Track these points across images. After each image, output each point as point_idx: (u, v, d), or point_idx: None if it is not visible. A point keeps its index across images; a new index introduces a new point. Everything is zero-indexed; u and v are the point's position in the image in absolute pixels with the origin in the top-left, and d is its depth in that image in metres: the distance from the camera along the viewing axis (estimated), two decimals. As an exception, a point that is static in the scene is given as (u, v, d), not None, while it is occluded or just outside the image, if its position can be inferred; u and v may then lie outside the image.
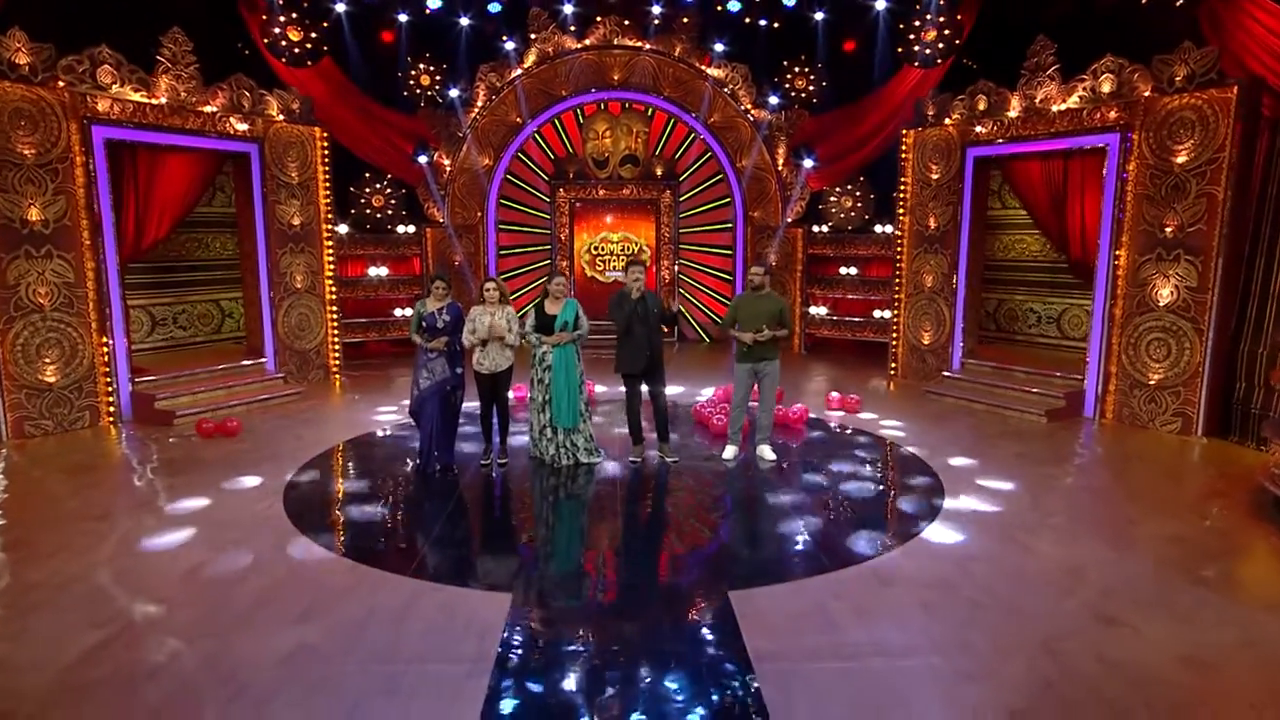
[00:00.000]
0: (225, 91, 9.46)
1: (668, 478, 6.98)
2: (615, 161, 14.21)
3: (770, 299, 7.28)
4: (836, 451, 7.77)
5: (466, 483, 6.83)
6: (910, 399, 10.14)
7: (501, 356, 7.10)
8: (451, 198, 13.45)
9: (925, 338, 10.99)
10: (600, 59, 13.21)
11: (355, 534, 5.71)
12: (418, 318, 7.13)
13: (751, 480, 6.93)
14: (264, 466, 7.15)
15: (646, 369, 7.13)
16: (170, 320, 10.66)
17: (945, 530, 5.67)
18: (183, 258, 10.73)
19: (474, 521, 6.10)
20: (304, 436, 8.19)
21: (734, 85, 13.23)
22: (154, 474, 7.01)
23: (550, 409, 7.12)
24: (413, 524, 5.92)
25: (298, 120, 10.38)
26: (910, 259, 11.09)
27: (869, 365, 12.35)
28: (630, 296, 7.03)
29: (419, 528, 5.83)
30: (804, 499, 6.42)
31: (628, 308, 7.05)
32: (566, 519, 6.19)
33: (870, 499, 6.49)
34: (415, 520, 6.01)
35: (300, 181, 10.51)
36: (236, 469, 7.06)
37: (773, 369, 7.29)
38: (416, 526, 5.87)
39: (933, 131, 10.57)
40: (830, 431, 8.51)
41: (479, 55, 13.17)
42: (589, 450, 7.33)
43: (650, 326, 7.05)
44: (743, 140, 13.50)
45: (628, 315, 7.07)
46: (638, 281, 7.05)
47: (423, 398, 7.08)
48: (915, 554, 5.29)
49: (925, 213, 10.80)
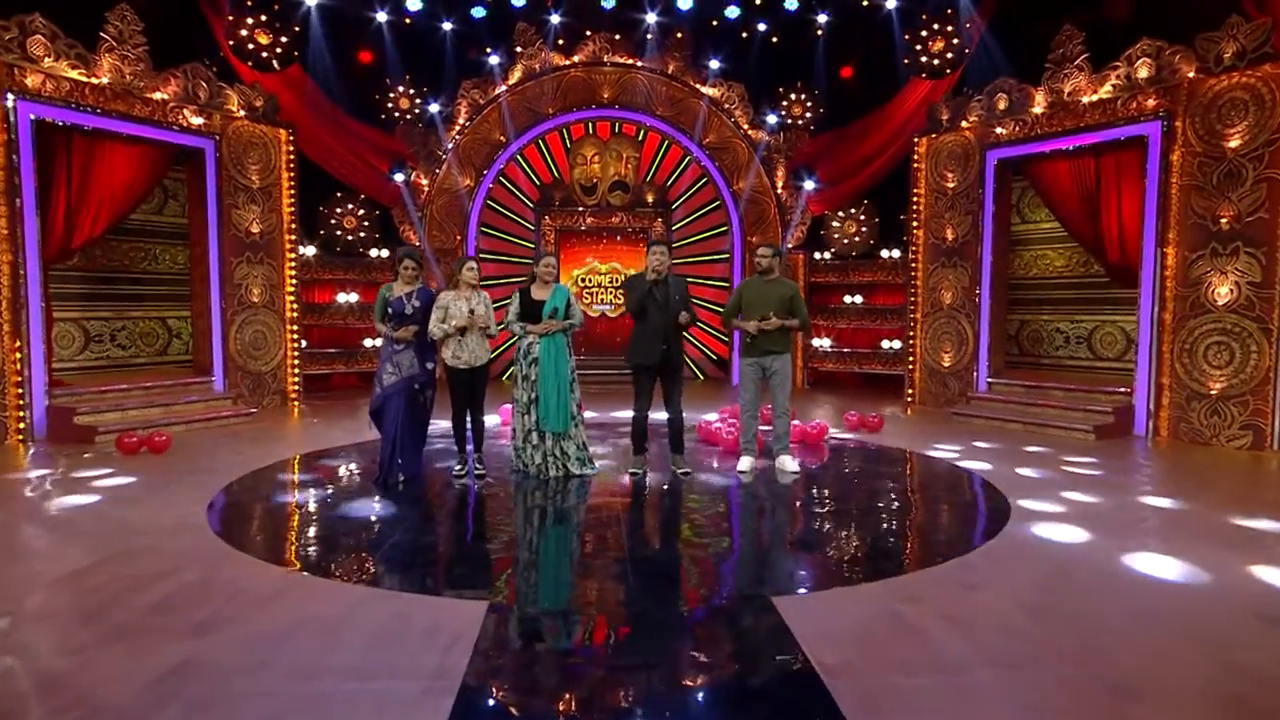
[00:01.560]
0: (179, 79, 8.58)
1: (680, 489, 5.87)
2: (604, 188, 13.47)
3: (780, 284, 6.33)
4: (870, 465, 6.71)
5: (434, 496, 5.67)
6: (935, 422, 9.14)
7: (481, 349, 6.05)
8: (429, 220, 12.56)
9: (945, 359, 10.07)
10: (589, 76, 12.58)
11: (292, 543, 4.53)
12: (382, 303, 6.10)
13: (777, 491, 5.83)
14: (194, 479, 5.96)
15: (661, 363, 6.09)
16: (107, 337, 9.50)
17: (1026, 534, 4.60)
18: (125, 268, 9.64)
19: (442, 533, 4.93)
20: (247, 453, 7.01)
21: (730, 104, 12.63)
22: (53, 485, 5.79)
23: (537, 410, 6.03)
24: (365, 535, 4.75)
25: (261, 119, 9.51)
26: (926, 275, 10.26)
27: (879, 398, 11.38)
28: (646, 278, 6.08)
29: (373, 538, 4.66)
30: (844, 507, 5.34)
31: (641, 289, 6.09)
32: (558, 533, 5.03)
33: (923, 506, 5.42)
34: (369, 531, 4.83)
35: (262, 186, 9.57)
36: (159, 480, 5.87)
37: (783, 366, 6.28)
38: (369, 537, 4.70)
39: (947, 137, 9.89)
40: (855, 449, 7.46)
41: (461, 70, 12.51)
42: (581, 460, 6.21)
43: (668, 314, 6.05)
44: (739, 162, 12.82)
45: (641, 298, 6.09)
46: (658, 263, 6.09)
47: (386, 395, 5.98)
48: (1000, 558, 4.20)
49: (941, 224, 10.02)
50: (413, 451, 6.05)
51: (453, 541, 4.73)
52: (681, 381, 6.30)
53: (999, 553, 4.29)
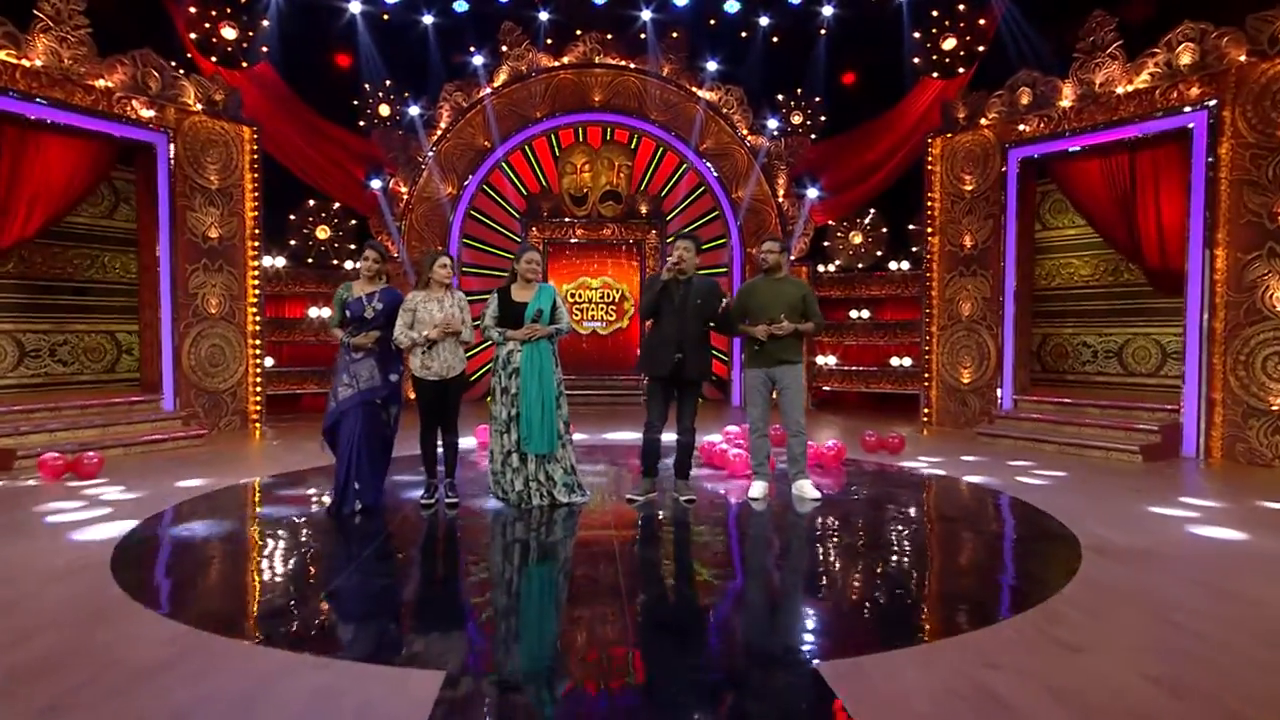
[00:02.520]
0: (126, 67, 7.79)
1: (685, 520, 5.02)
2: (595, 198, 12.72)
3: (790, 283, 5.55)
4: (899, 491, 5.88)
5: (394, 531, 4.80)
6: (958, 442, 8.33)
7: (455, 358, 5.23)
8: (409, 230, 11.76)
9: (965, 375, 9.29)
10: (580, 78, 11.89)
11: (207, 594, 3.65)
12: (340, 305, 5.28)
13: (798, 522, 4.99)
14: (116, 509, 5.08)
15: (675, 374, 5.28)
16: (46, 352, 8.60)
17: (1112, 574, 3.77)
18: (69, 276, 8.77)
19: (400, 578, 4.06)
20: (186, 479, 6.12)
21: (729, 109, 11.94)
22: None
23: (518, 429, 5.19)
24: (300, 581, 3.88)
25: (222, 115, 8.72)
26: (942, 285, 9.52)
27: (889, 418, 10.57)
28: (662, 278, 5.30)
29: (309, 585, 3.79)
30: (881, 541, 4.50)
31: (655, 289, 5.31)
32: (541, 576, 4.17)
33: (976, 540, 4.59)
34: (306, 576, 3.96)
35: (222, 188, 8.75)
36: (72, 512, 4.98)
37: (794, 377, 5.47)
38: (305, 584, 3.82)
39: (964, 136, 9.20)
40: (879, 472, 6.63)
41: (443, 71, 11.80)
42: (570, 486, 5.36)
43: (686, 319, 5.26)
44: (739, 169, 12.11)
45: (653, 299, 5.32)
46: (678, 259, 5.31)
47: (340, 412, 5.13)
48: (1092, 606, 3.37)
49: (959, 230, 9.30)
50: (372, 478, 5.19)
51: (409, 589, 3.86)
52: (697, 400, 5.49)
53: (1088, 599, 3.46)
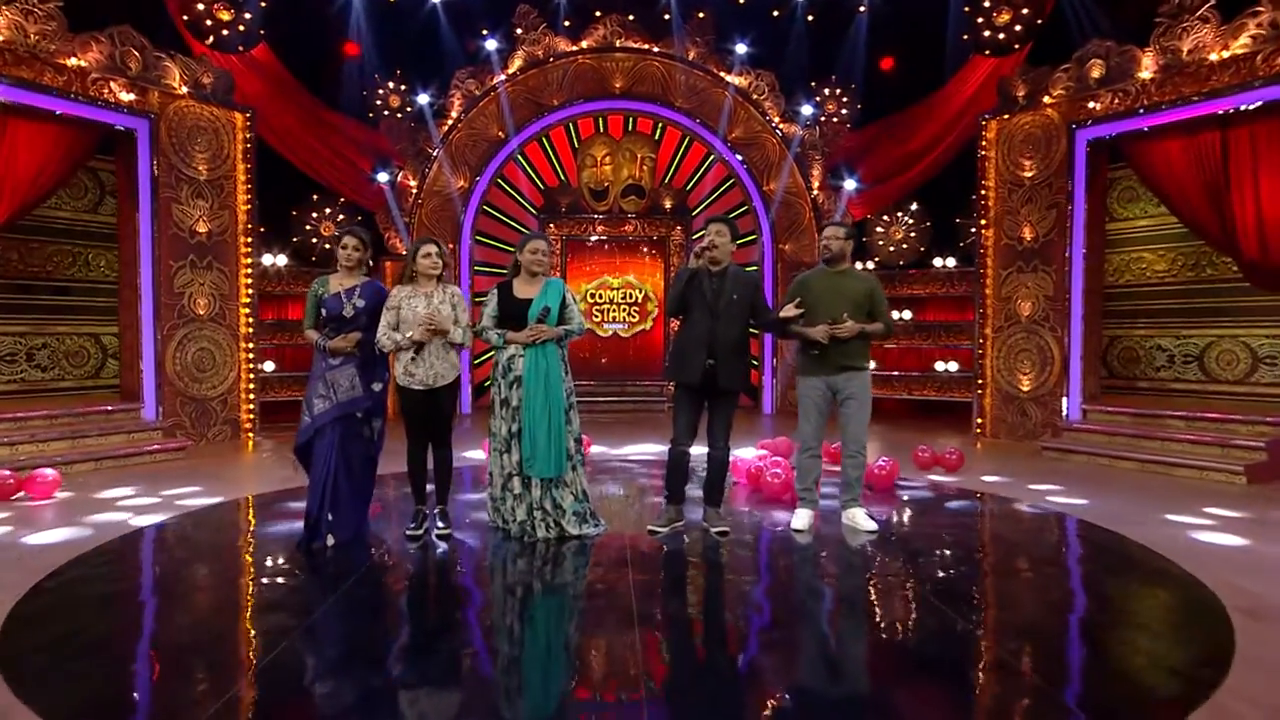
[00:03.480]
0: (102, 45, 7.14)
1: (718, 559, 4.21)
2: (616, 193, 11.94)
3: (854, 276, 4.72)
4: (967, 521, 5.02)
5: (371, 569, 4.03)
6: (1020, 457, 7.43)
7: (444, 363, 4.46)
8: (418, 226, 11.05)
9: (1024, 382, 8.37)
10: (599, 64, 11.12)
11: (115, 663, 2.90)
12: (314, 303, 4.56)
13: (854, 563, 4.16)
14: (58, 538, 4.37)
15: (706, 383, 4.47)
16: (23, 356, 7.98)
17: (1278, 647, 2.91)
18: (49, 275, 8.15)
19: (363, 634, 3.27)
20: (151, 499, 5.41)
21: (759, 94, 11.11)
22: None
23: (520, 448, 4.40)
24: (243, 640, 3.11)
25: (211, 99, 8.05)
26: (997, 282, 8.60)
27: (935, 428, 9.68)
28: (690, 266, 4.50)
29: (255, 644, 3.02)
30: (962, 594, 3.65)
31: (683, 280, 4.50)
32: (544, 631, 3.37)
33: (1087, 598, 3.73)
34: (254, 631, 3.19)
35: (211, 179, 8.08)
36: (9, 540, 4.28)
37: (861, 386, 4.65)
38: (251, 642, 3.06)
39: (1024, 117, 8.29)
40: (938, 496, 5.76)
41: (455, 57, 11.07)
42: (581, 515, 4.56)
43: (719, 317, 4.45)
44: (770, 160, 11.27)
45: (681, 293, 4.51)
46: (712, 248, 4.48)
47: (316, 427, 4.39)
48: (1269, 697, 2.51)
49: (1016, 221, 8.39)
50: (351, 505, 4.44)
51: (377, 648, 3.07)
52: (731, 411, 4.65)
53: (1265, 689, 2.60)
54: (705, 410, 4.63)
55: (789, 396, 11.10)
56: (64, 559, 4.01)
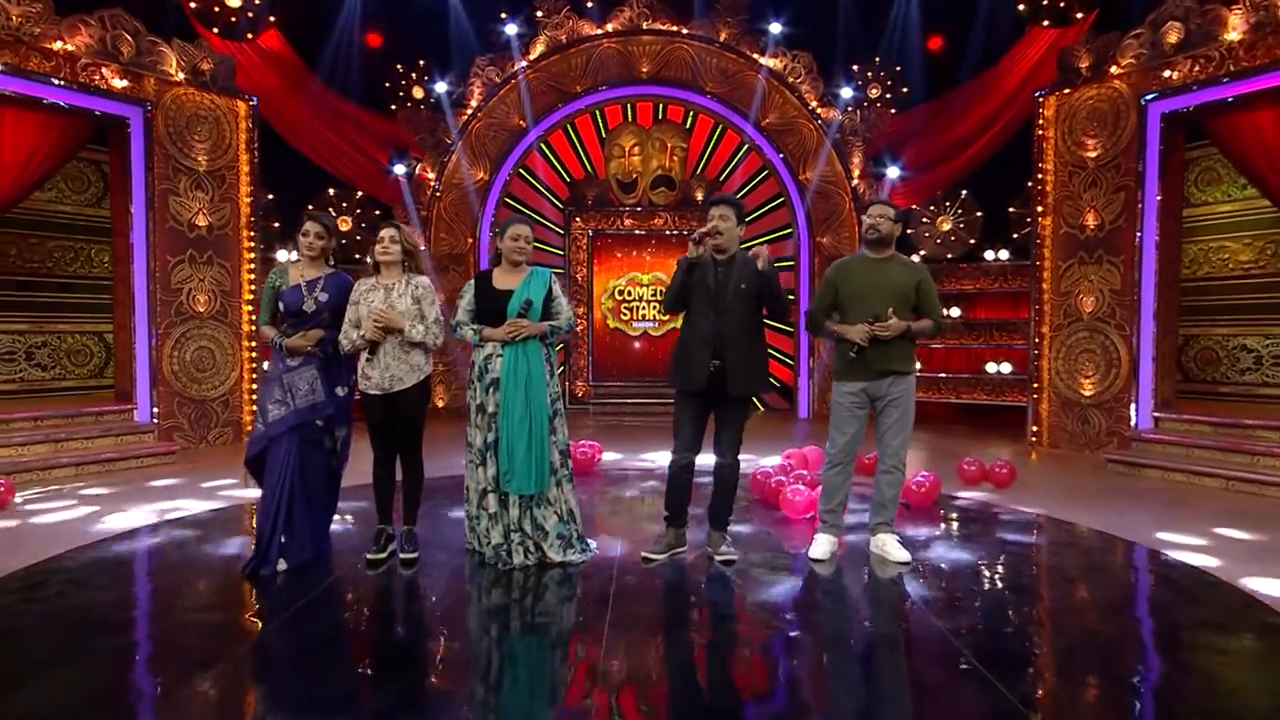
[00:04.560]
0: (91, 28, 6.81)
1: (716, 595, 3.59)
2: (645, 184, 11.38)
3: (900, 265, 4.06)
4: (1024, 552, 4.30)
5: (319, 599, 3.51)
6: (1081, 471, 6.63)
7: (403, 365, 3.91)
8: (436, 220, 10.63)
9: (1086, 386, 7.54)
10: (625, 48, 10.53)
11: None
12: (271, 296, 4.06)
13: (887, 601, 3.50)
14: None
15: (713, 387, 3.86)
16: (22, 355, 7.74)
17: None
18: (49, 271, 7.91)
19: (281, 688, 2.75)
20: (117, 511, 5.01)
21: (795, 77, 10.40)
22: None
23: (496, 461, 3.85)
24: (146, 683, 2.61)
25: (211, 87, 7.69)
26: (1056, 275, 7.78)
27: (986, 435, 8.88)
28: (689, 256, 3.88)
29: (155, 690, 2.52)
30: (1015, 652, 2.97)
31: (682, 271, 3.90)
32: (510, 685, 2.80)
33: (1171, 657, 3.03)
34: (154, 679, 2.69)
35: (212, 170, 7.73)
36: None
37: (905, 393, 4.00)
38: (141, 695, 2.55)
39: (1087, 91, 7.46)
40: (989, 518, 5.04)
41: (474, 43, 10.60)
42: (566, 538, 3.98)
43: (725, 310, 3.84)
44: (807, 147, 10.55)
45: (680, 285, 3.92)
46: (715, 234, 3.86)
47: (270, 436, 3.90)
48: None
49: (1078, 207, 7.56)
50: (308, 525, 3.94)
51: (291, 710, 2.54)
52: (743, 418, 4.03)
53: None
54: (713, 418, 4.04)
55: (827, 399, 10.39)
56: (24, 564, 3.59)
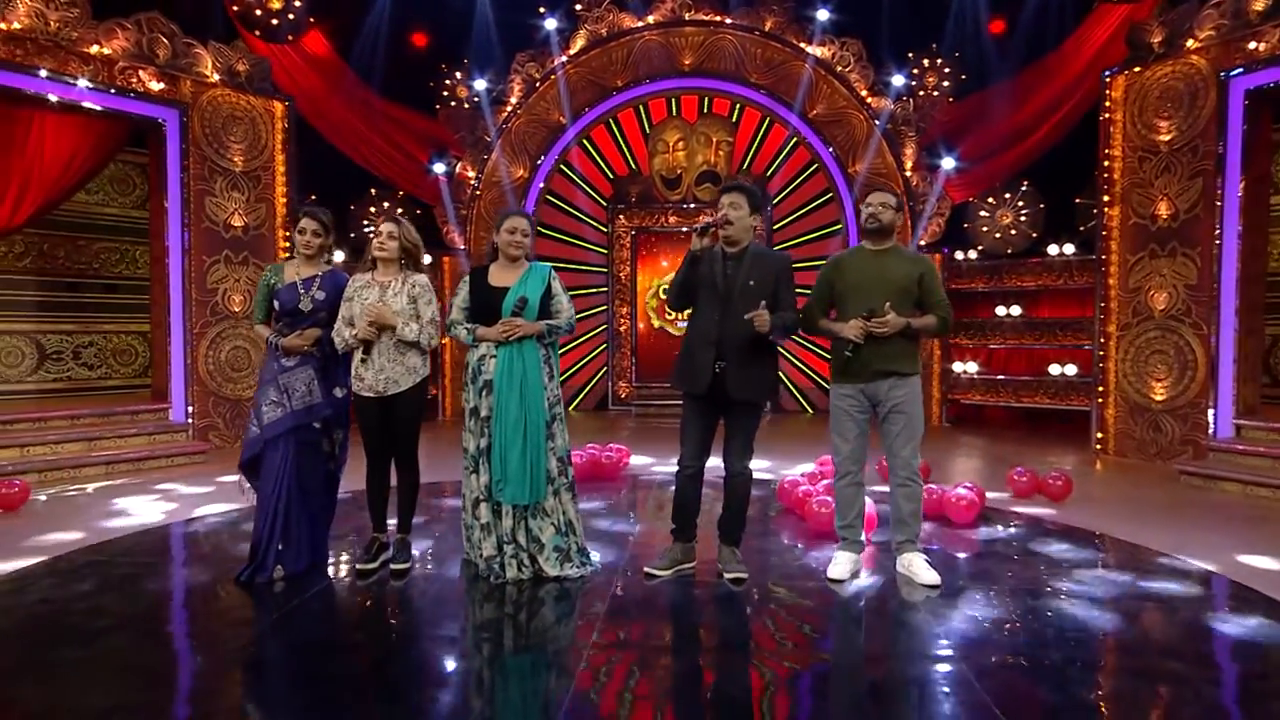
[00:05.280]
0: (128, 32, 6.88)
1: (717, 620, 3.30)
2: (690, 180, 11.07)
3: (900, 257, 3.70)
4: (1079, 579, 3.84)
5: (303, 607, 3.35)
6: (1151, 483, 6.08)
7: (398, 366, 3.73)
8: (476, 219, 10.54)
9: (1157, 390, 6.94)
10: (667, 40, 10.25)
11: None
12: (265, 294, 3.93)
13: (903, 640, 3.14)
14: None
15: (717, 390, 3.57)
16: (69, 354, 7.93)
17: None
18: (95, 273, 8.09)
19: (265, 691, 2.58)
20: (128, 512, 5.00)
21: (844, 65, 9.96)
22: None
23: (489, 467, 3.63)
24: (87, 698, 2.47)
25: (247, 88, 7.73)
26: (1124, 270, 7.19)
27: (1048, 442, 8.31)
28: (694, 249, 3.58)
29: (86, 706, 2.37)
30: (1053, 697, 2.60)
31: (687, 261, 3.61)
32: (477, 712, 2.57)
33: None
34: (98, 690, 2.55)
35: (248, 170, 7.77)
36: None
37: (906, 396, 3.64)
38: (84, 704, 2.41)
39: (1161, 69, 6.86)
40: (1038, 535, 4.59)
41: (514, 39, 10.47)
42: (563, 551, 3.74)
43: (732, 308, 3.54)
44: (856, 139, 10.09)
45: (684, 280, 3.63)
46: (725, 224, 3.57)
47: (266, 439, 3.78)
48: None
49: (1149, 196, 6.97)
50: (307, 533, 3.80)
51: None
52: (752, 425, 3.70)
53: None
54: (723, 424, 3.74)
55: (877, 402, 9.91)
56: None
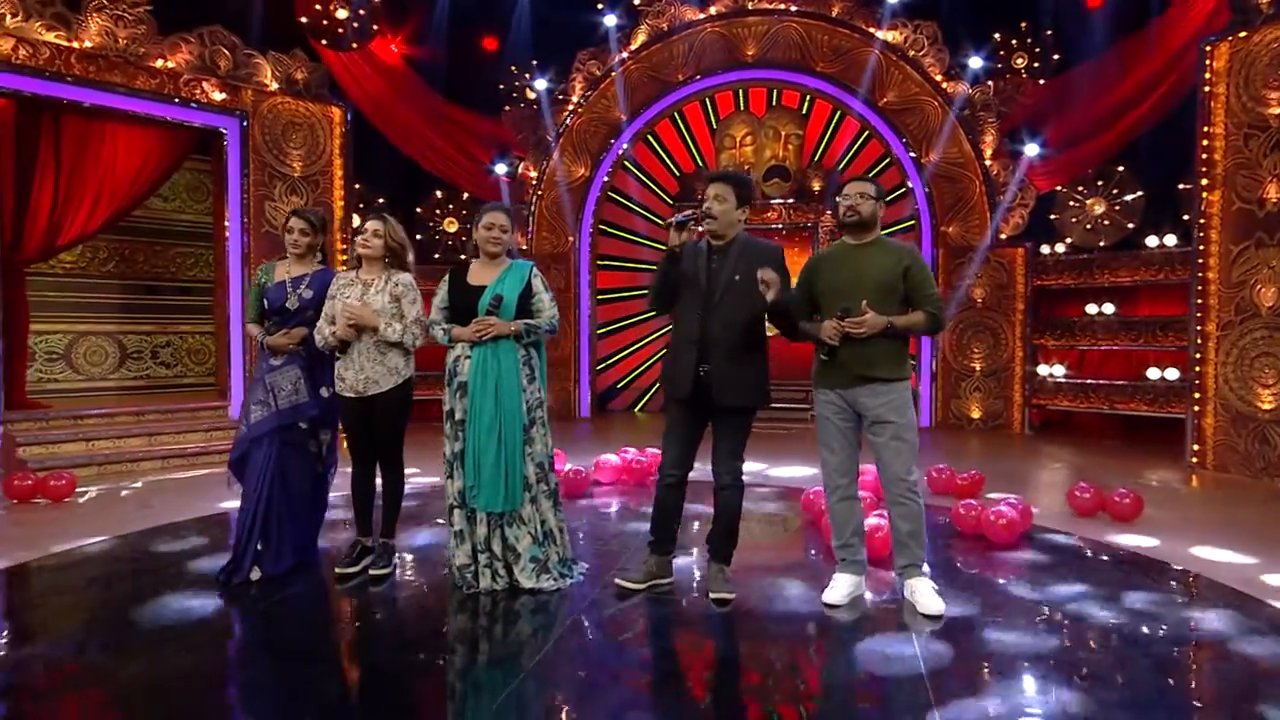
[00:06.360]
0: (191, 45, 7.19)
1: (700, 644, 3.06)
2: (758, 175, 10.70)
3: (883, 250, 3.34)
4: (1126, 628, 3.36)
5: (269, 613, 3.32)
6: (1252, 503, 5.36)
7: (378, 366, 3.67)
8: (538, 219, 10.55)
9: (1265, 398, 6.13)
10: (729, 31, 9.95)
11: None
12: (257, 292, 3.96)
13: (894, 681, 2.79)
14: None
15: (700, 394, 3.34)
16: (147, 354, 8.39)
17: None
18: (172, 276, 8.53)
19: (188, 698, 2.54)
20: (155, 507, 5.17)
21: (917, 50, 9.37)
22: None
23: (463, 472, 3.50)
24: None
25: (306, 94, 7.96)
26: (1225, 262, 6.41)
27: (1144, 453, 7.54)
28: (672, 243, 3.34)
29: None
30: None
31: (665, 258, 3.39)
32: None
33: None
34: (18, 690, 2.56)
35: (306, 175, 8.00)
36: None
37: (893, 405, 3.26)
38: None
39: (1270, 32, 6.08)
40: (1090, 565, 4.07)
41: (578, 39, 10.41)
42: (539, 562, 3.56)
43: (715, 305, 3.33)
44: (930, 127, 9.47)
45: (663, 278, 3.40)
46: (709, 217, 3.34)
47: (251, 439, 3.79)
48: None
49: (1256, 178, 6.18)
50: (290, 533, 3.80)
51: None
52: (740, 432, 3.44)
53: None
54: (711, 429, 3.49)
55: (951, 407, 9.29)
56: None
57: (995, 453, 7.67)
